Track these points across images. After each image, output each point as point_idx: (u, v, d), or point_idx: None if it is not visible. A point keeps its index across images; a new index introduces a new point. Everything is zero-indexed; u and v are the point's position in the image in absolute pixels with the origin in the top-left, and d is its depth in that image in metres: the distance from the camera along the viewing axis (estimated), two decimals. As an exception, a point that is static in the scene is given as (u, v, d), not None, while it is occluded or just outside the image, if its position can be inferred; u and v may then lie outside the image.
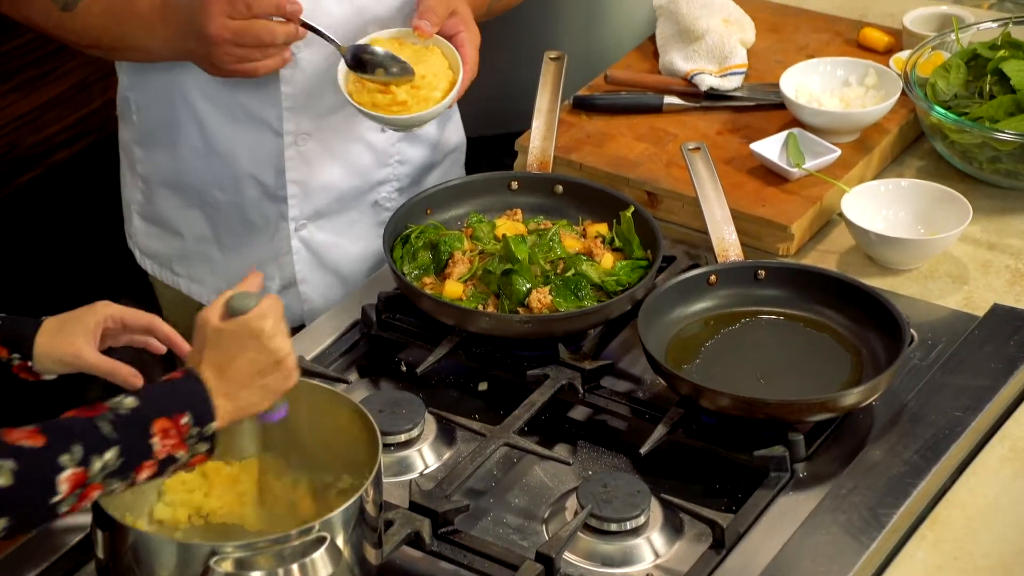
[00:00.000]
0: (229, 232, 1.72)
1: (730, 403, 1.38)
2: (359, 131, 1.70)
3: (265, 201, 1.70)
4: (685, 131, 1.79)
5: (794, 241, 1.66)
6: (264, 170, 1.68)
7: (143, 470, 1.11)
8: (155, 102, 1.68)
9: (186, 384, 1.14)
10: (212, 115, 1.66)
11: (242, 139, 1.66)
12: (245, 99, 1.64)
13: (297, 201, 1.69)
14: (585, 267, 1.54)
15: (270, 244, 1.72)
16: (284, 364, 1.18)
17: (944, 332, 1.53)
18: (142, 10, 1.53)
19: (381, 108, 1.56)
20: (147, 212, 1.76)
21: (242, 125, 1.66)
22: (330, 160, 1.69)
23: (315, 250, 1.73)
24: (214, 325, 1.17)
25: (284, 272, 1.73)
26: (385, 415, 1.41)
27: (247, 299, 1.18)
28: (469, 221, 1.62)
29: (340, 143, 1.69)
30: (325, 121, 1.67)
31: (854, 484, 1.36)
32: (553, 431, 1.46)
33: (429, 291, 1.52)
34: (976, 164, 1.73)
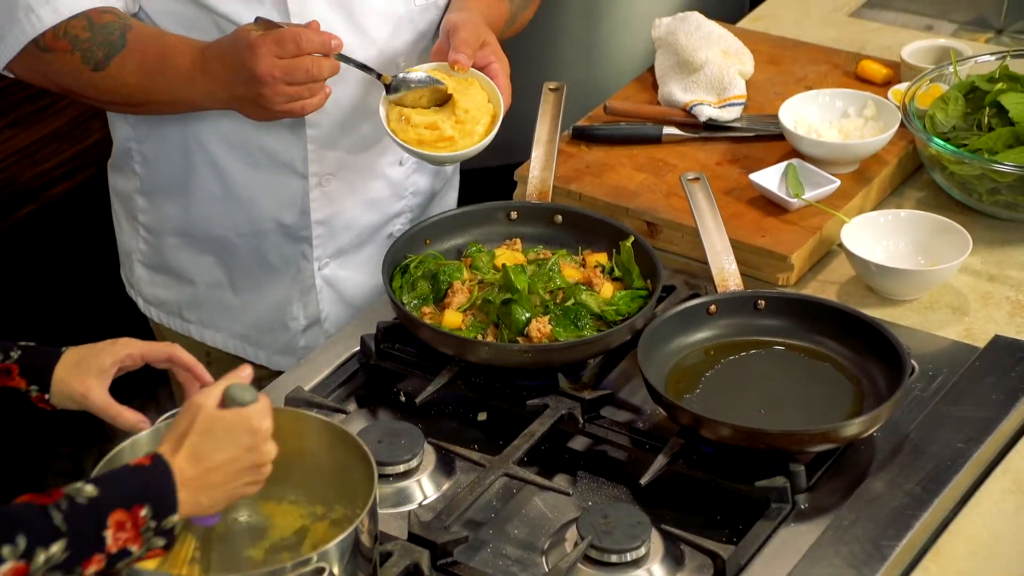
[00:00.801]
0: (245, 275, 1.72)
1: (731, 433, 1.37)
2: (381, 167, 1.71)
3: (286, 242, 1.70)
4: (684, 161, 1.79)
5: (794, 271, 1.66)
6: (287, 212, 1.68)
7: (91, 564, 1.07)
8: (165, 152, 1.68)
9: (152, 473, 1.10)
10: (232, 161, 1.66)
11: (264, 183, 1.67)
12: (269, 143, 1.64)
13: (322, 241, 1.70)
14: (585, 297, 1.53)
15: (291, 284, 1.72)
16: (262, 470, 1.15)
17: (945, 363, 1.53)
18: (180, 64, 1.52)
19: (427, 145, 1.57)
20: (152, 261, 1.75)
21: (264, 169, 1.66)
22: (352, 198, 1.70)
23: (336, 287, 1.74)
24: (209, 411, 1.12)
25: (308, 311, 1.74)
26: (384, 445, 1.40)
27: (247, 392, 1.14)
28: (468, 251, 1.62)
29: (362, 181, 1.70)
30: (349, 160, 1.68)
31: (856, 516, 1.35)
32: (553, 461, 1.45)
33: (428, 321, 1.52)
34: (975, 195, 1.73)
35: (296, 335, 1.76)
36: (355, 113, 1.65)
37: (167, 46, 1.54)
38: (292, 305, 1.73)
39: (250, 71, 1.48)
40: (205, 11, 1.57)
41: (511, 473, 1.39)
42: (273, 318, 1.74)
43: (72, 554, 1.06)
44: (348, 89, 1.62)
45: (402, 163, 1.73)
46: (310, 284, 1.72)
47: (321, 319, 1.75)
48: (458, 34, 1.58)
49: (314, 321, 1.75)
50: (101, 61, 1.52)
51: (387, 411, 1.51)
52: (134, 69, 1.53)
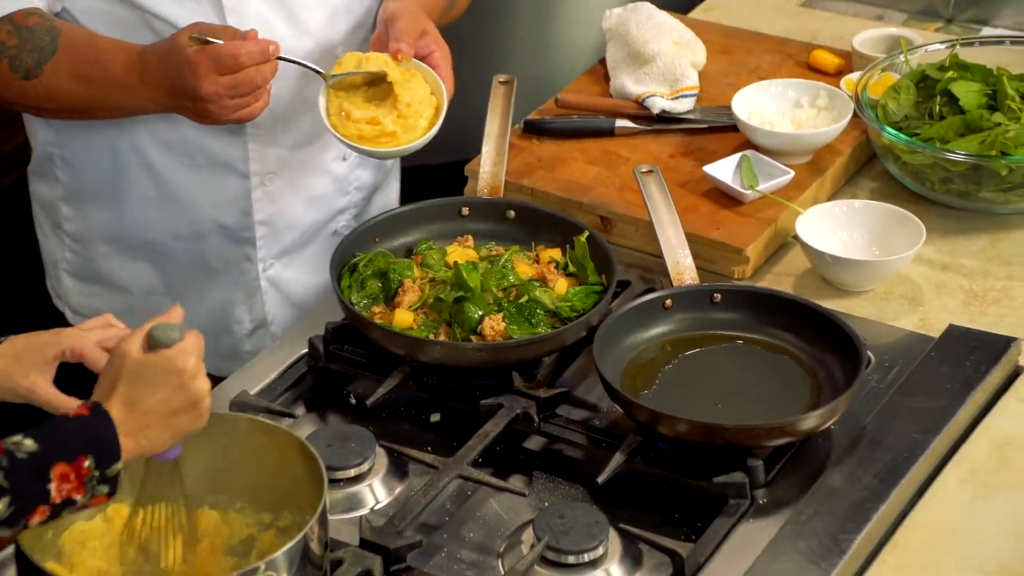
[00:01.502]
0: (184, 281, 1.69)
1: (688, 429, 1.37)
2: (324, 163, 1.69)
3: (228, 244, 1.68)
4: (637, 154, 1.78)
5: (749, 264, 1.65)
6: (228, 213, 1.66)
7: (35, 515, 1.07)
8: (92, 156, 1.64)
9: (92, 423, 1.10)
10: (168, 163, 1.63)
11: (203, 184, 1.64)
12: (207, 143, 1.62)
13: (265, 241, 1.68)
14: (538, 293, 1.52)
15: (235, 287, 1.70)
16: (199, 406, 1.14)
17: (900, 354, 1.53)
18: (116, 70, 1.49)
19: (368, 140, 1.55)
20: (80, 270, 1.71)
21: (203, 170, 1.63)
22: (295, 196, 1.68)
23: (282, 288, 1.71)
24: (135, 357, 1.13)
25: (254, 314, 1.72)
26: (334, 449, 1.39)
27: (171, 331, 1.14)
28: (419, 248, 1.60)
29: (304, 178, 1.68)
30: (291, 157, 1.66)
31: (814, 510, 1.35)
32: (508, 462, 1.44)
33: (378, 320, 1.50)
34: (928, 185, 1.73)
35: (242, 339, 1.73)
36: (295, 108, 1.62)
37: (101, 50, 1.50)
38: (236, 308, 1.70)
39: (192, 90, 1.47)
40: (134, 9, 1.53)
41: (465, 475, 1.37)
42: (216, 323, 1.71)
43: (16, 509, 1.06)
44: (286, 84, 1.59)
45: (345, 158, 1.71)
46: (255, 286, 1.70)
47: (267, 321, 1.73)
48: (397, 23, 1.55)
49: (260, 324, 1.73)
50: (32, 69, 1.48)
51: (337, 414, 1.49)
52: (68, 76, 1.50)
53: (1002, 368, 1.51)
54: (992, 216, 1.74)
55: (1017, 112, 1.72)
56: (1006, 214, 1.74)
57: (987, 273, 1.66)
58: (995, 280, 1.65)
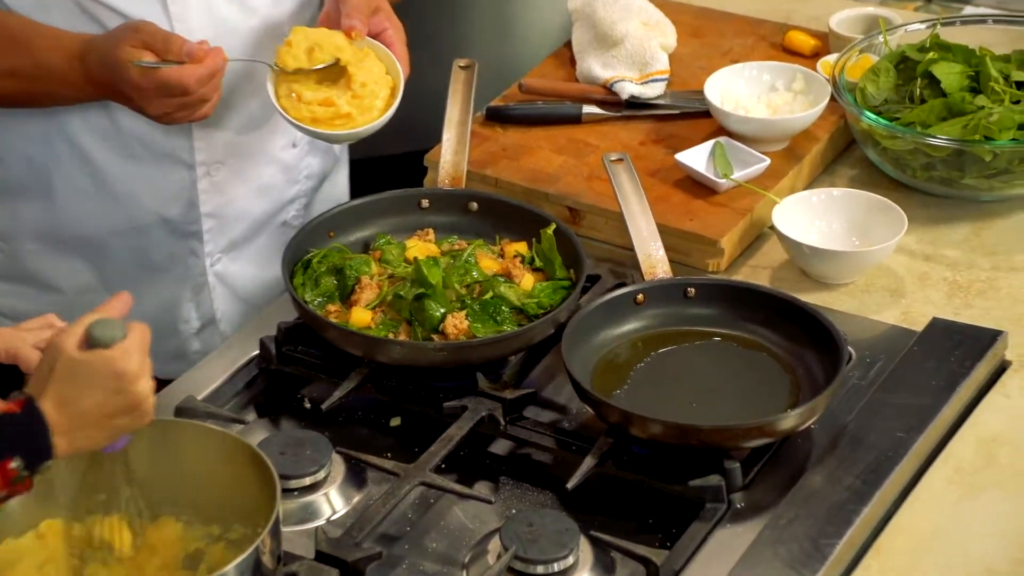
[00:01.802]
0: (123, 278, 1.66)
1: (662, 430, 1.37)
2: (272, 150, 1.68)
3: (172, 239, 1.66)
4: (606, 142, 1.78)
5: (724, 256, 1.65)
6: (172, 206, 1.64)
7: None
8: (18, 148, 1.62)
9: (23, 421, 1.07)
10: (105, 154, 1.61)
11: (145, 176, 1.62)
12: (149, 132, 1.60)
13: (212, 235, 1.66)
14: (503, 289, 1.52)
15: (180, 284, 1.68)
16: (140, 408, 1.12)
17: (883, 349, 1.53)
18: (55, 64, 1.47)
19: (323, 123, 1.54)
20: (6, 270, 1.68)
21: (144, 161, 1.61)
22: (243, 186, 1.67)
23: (230, 283, 1.70)
24: (69, 355, 1.09)
25: (202, 311, 1.70)
26: (287, 457, 1.38)
27: (112, 329, 1.10)
28: (376, 243, 1.59)
29: (252, 166, 1.67)
30: (238, 145, 1.64)
31: (794, 513, 1.35)
32: (473, 468, 1.43)
33: (334, 320, 1.50)
34: (909, 172, 1.74)
35: (189, 339, 1.72)
36: (241, 91, 1.60)
37: (37, 36, 1.48)
38: (182, 307, 1.69)
39: (140, 109, 1.48)
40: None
41: (428, 482, 1.37)
42: (161, 323, 1.69)
43: None
44: (232, 65, 1.57)
45: (295, 144, 1.70)
46: (201, 282, 1.68)
47: (216, 319, 1.71)
48: (348, 1, 1.54)
49: (208, 322, 1.71)
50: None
51: (290, 420, 1.48)
52: None
53: (988, 363, 1.51)
54: (976, 204, 1.75)
55: (1001, 94, 1.73)
56: (990, 201, 1.75)
57: (971, 263, 1.67)
58: (980, 271, 1.66)
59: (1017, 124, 1.70)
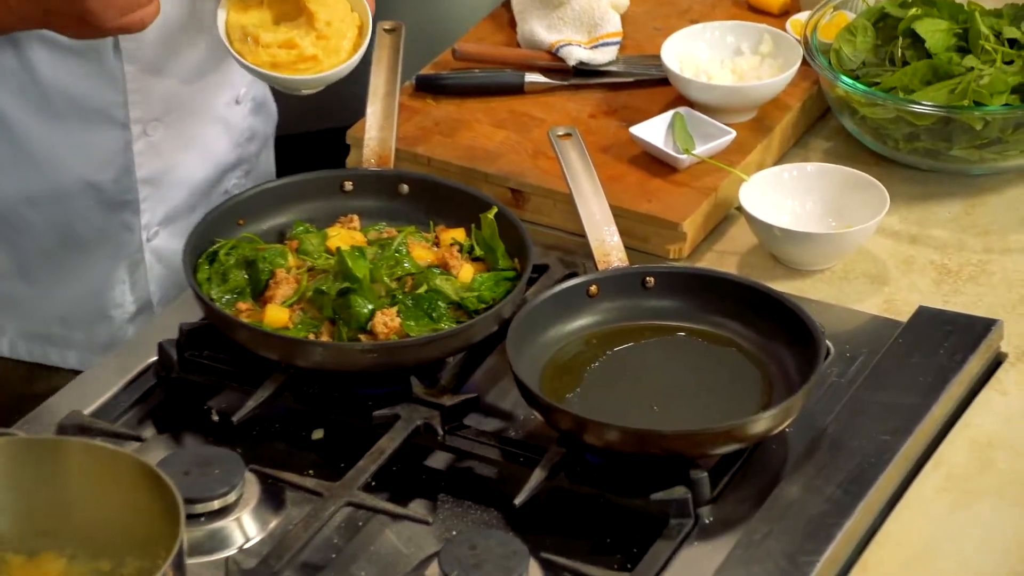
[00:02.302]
0: (42, 258, 1.64)
1: (620, 437, 1.38)
2: (216, 107, 1.66)
3: (102, 210, 1.63)
4: (552, 115, 1.79)
5: (686, 241, 1.67)
6: (102, 172, 1.61)
7: None
8: None
9: None
10: (20, 111, 1.58)
11: (70, 137, 1.59)
12: (73, 84, 1.56)
13: (150, 205, 1.64)
14: (439, 282, 1.52)
15: (111, 264, 1.66)
16: None
17: (864, 342, 1.55)
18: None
19: (284, 67, 1.52)
20: None
21: (69, 120, 1.58)
22: (184, 148, 1.65)
23: (168, 261, 1.69)
24: None
25: (137, 293, 1.69)
26: (192, 478, 1.37)
27: None
28: (293, 232, 1.59)
29: (194, 125, 1.64)
30: (178, 98, 1.61)
31: (769, 528, 1.36)
32: (407, 484, 1.44)
33: (246, 319, 1.50)
34: (891, 143, 1.76)
35: (122, 326, 1.70)
36: (185, 35, 1.57)
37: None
38: (114, 290, 1.67)
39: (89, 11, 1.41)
40: None
41: (356, 501, 1.37)
42: (88, 308, 1.68)
43: None
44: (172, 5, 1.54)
45: (239, 101, 1.68)
46: (137, 260, 1.67)
47: (153, 302, 1.70)
48: None
49: (144, 306, 1.70)
50: None
51: (195, 435, 1.48)
52: None
53: (981, 355, 1.54)
54: (966, 178, 1.77)
55: (992, 54, 1.75)
56: (982, 175, 1.77)
57: (961, 245, 1.69)
58: (971, 253, 1.68)
59: (1011, 87, 1.72)
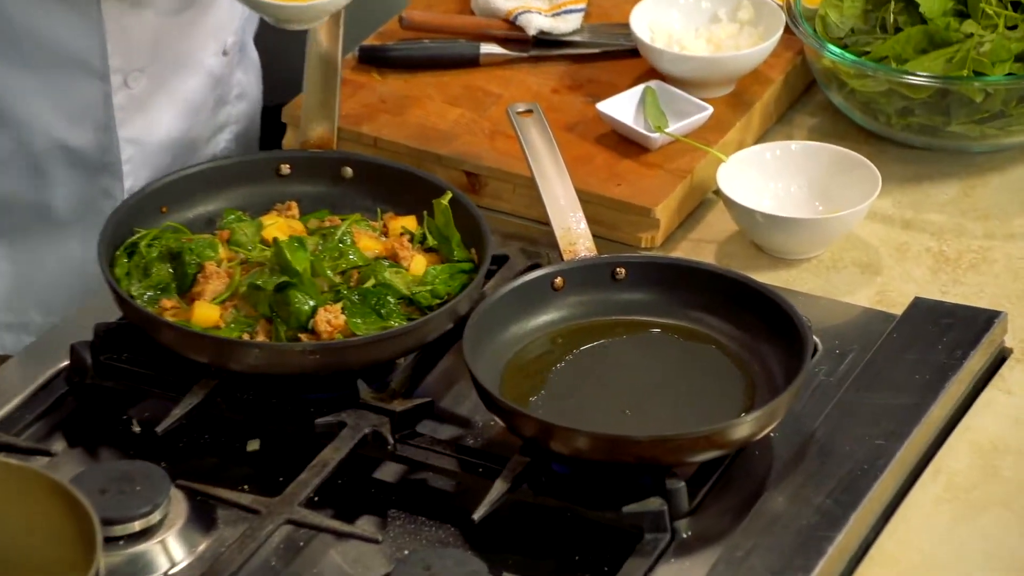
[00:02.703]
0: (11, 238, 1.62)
1: (589, 444, 1.38)
2: (202, 56, 1.65)
3: (77, 177, 1.61)
4: (511, 90, 1.79)
5: (660, 229, 1.67)
6: (78, 131, 1.60)
7: None
8: None
9: None
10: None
11: (41, 89, 1.57)
12: (46, 26, 1.53)
13: (133, 168, 1.63)
14: (388, 275, 1.52)
15: (83, 240, 1.62)
16: None
17: (855, 337, 1.56)
18: None
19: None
20: None
21: (40, 69, 1.56)
22: (169, 103, 1.64)
23: None
24: None
25: None
26: (110, 496, 1.36)
27: None
28: (224, 221, 1.59)
29: (179, 77, 1.63)
30: (161, 45, 1.59)
31: (753, 543, 1.37)
32: (354, 499, 1.44)
33: (171, 318, 1.49)
34: (883, 119, 1.77)
35: None
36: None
37: None
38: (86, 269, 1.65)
39: None
40: None
41: (296, 519, 1.37)
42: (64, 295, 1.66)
43: None
44: None
45: (226, 52, 1.66)
46: None
47: None
48: None
49: None
50: None
51: (113, 448, 1.48)
52: None
53: (983, 351, 1.55)
54: (965, 157, 1.78)
55: (993, 18, 1.75)
56: (982, 153, 1.78)
57: (960, 230, 1.70)
58: (971, 239, 1.69)
59: (1014, 55, 1.73)
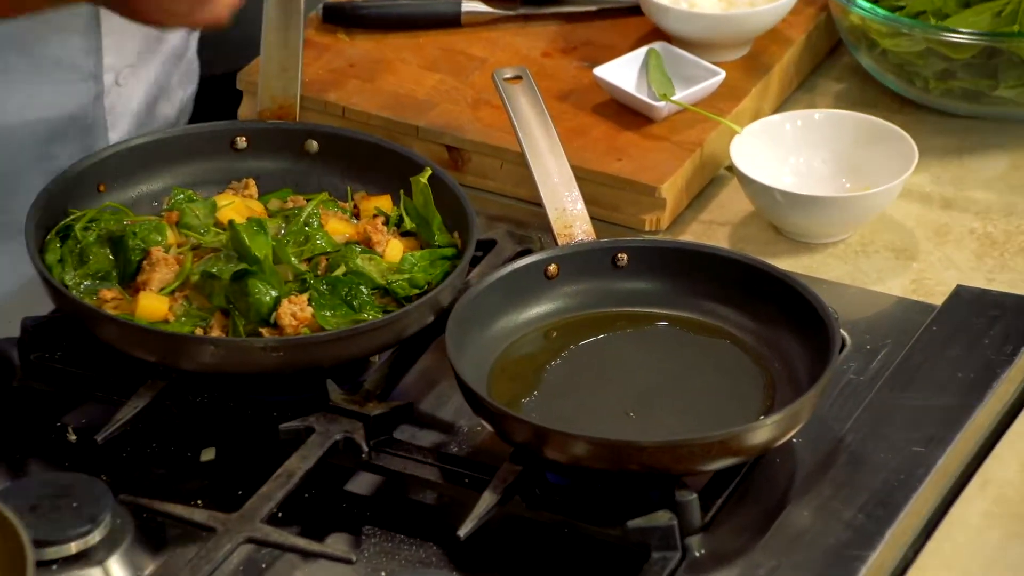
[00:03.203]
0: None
1: (588, 451, 1.38)
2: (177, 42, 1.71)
3: None
4: (497, 53, 1.80)
5: (666, 210, 1.67)
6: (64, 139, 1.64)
7: None
8: None
9: None
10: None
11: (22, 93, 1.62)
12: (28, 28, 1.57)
13: None
14: (361, 262, 1.52)
15: None
16: None
17: (889, 331, 1.56)
18: None
19: None
20: None
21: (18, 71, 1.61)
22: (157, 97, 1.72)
23: None
24: None
25: None
26: (43, 513, 1.36)
27: None
28: (172, 200, 1.59)
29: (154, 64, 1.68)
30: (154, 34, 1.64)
31: (774, 563, 1.37)
32: (323, 514, 1.44)
33: (112, 311, 1.49)
34: (919, 83, 1.77)
35: None
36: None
37: None
38: None
39: None
40: None
41: (258, 537, 1.37)
42: None
43: None
44: None
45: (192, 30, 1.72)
46: None
47: None
48: None
49: None
50: None
51: (46, 459, 1.48)
52: None
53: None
54: (1014, 126, 1.78)
55: (1048, -34, 1.75)
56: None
57: (1009, 209, 1.70)
58: (1020, 219, 1.70)
59: (1072, 9, 1.73)
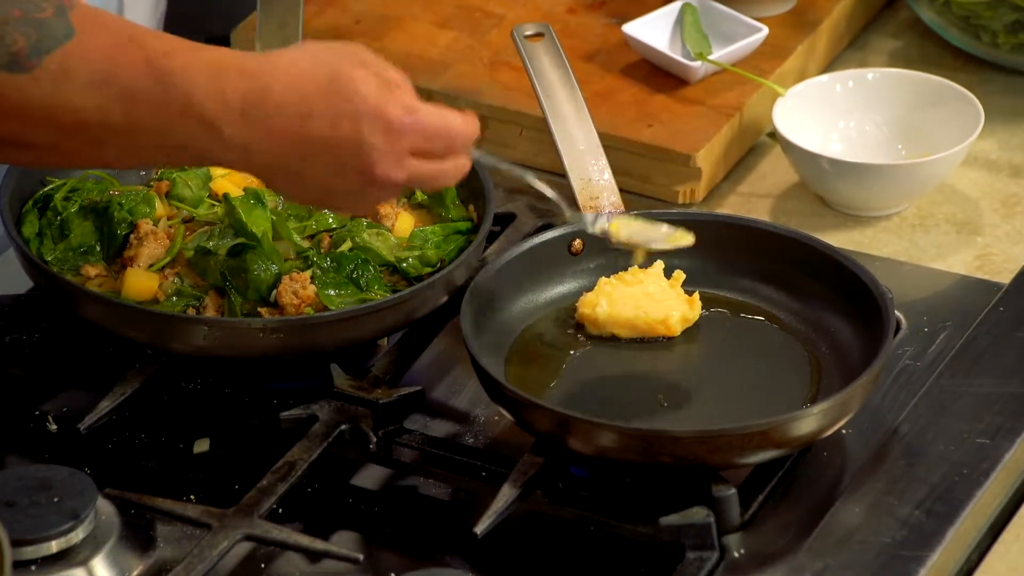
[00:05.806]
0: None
1: (616, 441, 1.38)
2: None
3: None
4: (517, 8, 1.81)
5: (702, 180, 1.69)
6: None
7: None
8: None
9: None
10: None
11: None
12: None
13: None
14: (368, 237, 1.53)
15: None
16: None
17: (949, 312, 1.57)
18: (195, 96, 1.31)
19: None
20: None
21: None
22: None
23: None
24: None
25: None
26: (20, 509, 1.37)
27: None
28: (162, 170, 1.59)
29: None
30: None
31: (823, 564, 1.37)
32: (328, 510, 1.45)
33: (97, 288, 1.50)
34: (987, 38, 1.76)
35: None
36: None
37: (161, 56, 1.32)
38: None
39: (367, 171, 1.35)
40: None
41: (257, 534, 1.38)
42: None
43: None
44: None
45: None
46: None
47: None
48: None
49: None
50: (24, 54, 1.29)
51: (23, 451, 1.49)
52: (88, 80, 1.30)
53: (1112, 328, 1.55)
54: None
55: None
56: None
57: (1083, 179, 1.71)
58: (1096, 189, 1.69)
59: None
